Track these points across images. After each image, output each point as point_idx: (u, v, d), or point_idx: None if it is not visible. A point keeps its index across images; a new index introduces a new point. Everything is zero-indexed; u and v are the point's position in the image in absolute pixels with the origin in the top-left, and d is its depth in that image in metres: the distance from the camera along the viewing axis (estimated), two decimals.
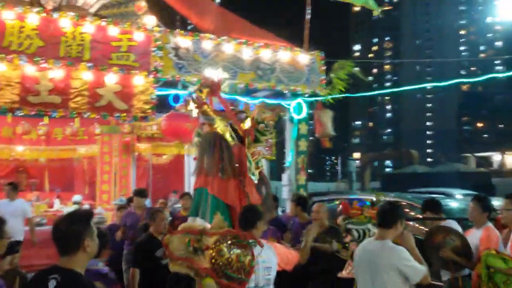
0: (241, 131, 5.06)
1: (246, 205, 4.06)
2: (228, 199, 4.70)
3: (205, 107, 5.10)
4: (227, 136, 5.03)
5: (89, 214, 2.80)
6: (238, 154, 5.00)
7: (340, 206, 5.02)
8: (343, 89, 9.27)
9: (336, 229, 5.73)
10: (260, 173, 5.22)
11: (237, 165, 4.91)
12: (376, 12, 9.38)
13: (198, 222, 4.40)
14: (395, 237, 3.87)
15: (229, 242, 2.98)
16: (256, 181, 5.04)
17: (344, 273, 4.83)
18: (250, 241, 3.08)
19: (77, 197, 11.34)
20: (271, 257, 3.58)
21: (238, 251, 2.97)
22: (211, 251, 2.92)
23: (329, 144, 9.48)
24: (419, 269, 3.66)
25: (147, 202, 9.09)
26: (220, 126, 5.09)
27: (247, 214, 3.80)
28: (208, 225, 3.29)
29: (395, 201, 5.21)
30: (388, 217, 3.90)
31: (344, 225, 4.83)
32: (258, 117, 5.23)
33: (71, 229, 2.64)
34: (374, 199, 5.09)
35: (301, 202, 6.94)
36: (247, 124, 5.12)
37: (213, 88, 5.23)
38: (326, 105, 9.38)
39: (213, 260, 2.90)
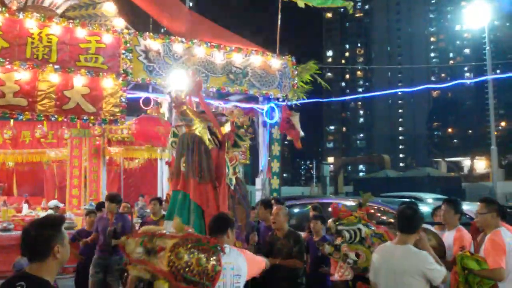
0: (220, 134, 4.97)
1: (218, 213, 3.99)
2: (208, 207, 4.63)
3: (184, 107, 5.00)
4: (206, 139, 4.95)
5: (60, 219, 2.70)
6: (215, 158, 4.94)
7: (330, 208, 5.03)
8: (304, 94, 9.32)
9: (296, 236, 5.71)
10: (236, 178, 5.16)
11: (214, 170, 4.85)
12: (350, 9, 9.43)
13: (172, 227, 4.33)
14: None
15: (189, 245, 2.91)
16: (232, 187, 4.99)
17: (336, 276, 4.82)
18: (213, 245, 3.02)
19: (53, 202, 11.04)
20: (240, 264, 3.45)
21: (201, 255, 2.90)
22: (169, 253, 2.84)
23: (301, 145, 9.53)
24: (441, 271, 3.79)
25: None
26: (198, 128, 4.98)
27: (218, 221, 3.74)
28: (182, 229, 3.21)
29: (413, 204, 5.22)
30: (412, 223, 3.94)
31: (334, 226, 4.83)
32: (237, 121, 5.17)
33: (40, 235, 2.55)
34: (348, 203, 5.13)
35: (269, 205, 6.91)
36: (227, 128, 5.04)
37: (194, 87, 5.15)
38: (293, 108, 9.43)
39: (171, 263, 2.82)
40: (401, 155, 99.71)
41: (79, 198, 12.38)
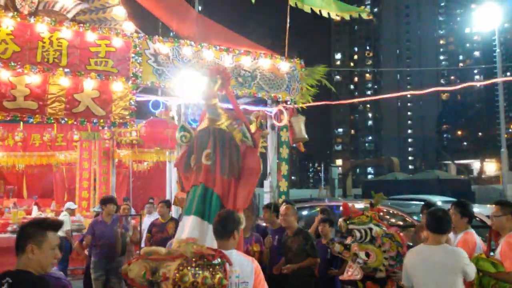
0: (250, 132, 4.96)
1: (223, 212, 3.79)
2: (228, 203, 4.62)
3: (215, 100, 4.98)
4: (236, 136, 4.93)
5: (45, 223, 2.72)
6: (249, 156, 4.91)
7: (341, 207, 5.04)
8: (311, 97, 9.29)
9: (304, 232, 5.73)
10: None
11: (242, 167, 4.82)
12: (367, 15, 9.40)
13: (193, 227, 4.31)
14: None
15: (193, 265, 2.85)
16: None
17: (345, 276, 4.82)
18: (217, 261, 2.95)
19: (68, 204, 11.09)
20: (247, 272, 3.33)
21: (206, 273, 2.84)
22: (173, 277, 2.79)
23: (304, 148, 9.50)
24: (474, 267, 3.96)
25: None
26: (225, 123, 4.97)
27: (223, 222, 3.52)
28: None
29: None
30: (445, 224, 4.04)
31: (345, 225, 4.83)
32: (263, 122, 5.14)
33: (23, 230, 2.64)
34: (357, 205, 5.13)
35: (275, 209, 6.93)
36: (253, 128, 5.04)
37: (225, 79, 5.13)
38: (300, 111, 9.40)
39: (176, 286, 2.79)
40: (410, 158, 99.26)
41: (89, 200, 12.49)
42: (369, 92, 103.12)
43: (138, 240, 7.99)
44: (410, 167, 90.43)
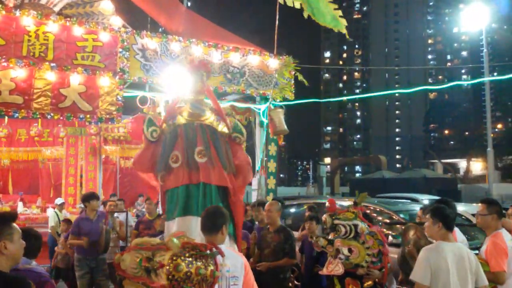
0: (228, 128, 4.91)
1: (211, 207, 3.73)
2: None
3: (203, 96, 4.90)
4: (222, 130, 4.87)
5: (9, 215, 2.69)
6: (239, 151, 4.88)
7: (327, 203, 5.04)
8: (291, 91, 9.27)
9: (287, 231, 5.72)
10: None
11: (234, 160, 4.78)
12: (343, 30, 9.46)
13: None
14: None
15: (187, 255, 2.82)
16: None
17: (325, 271, 4.82)
18: (211, 252, 2.93)
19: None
20: (237, 266, 3.33)
21: (198, 263, 2.82)
22: (167, 267, 2.78)
23: (283, 141, 9.48)
24: None
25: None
26: (210, 118, 4.90)
27: (212, 217, 3.47)
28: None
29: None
30: (453, 221, 4.00)
31: (331, 221, 4.84)
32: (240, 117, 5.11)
33: None
34: (345, 203, 5.15)
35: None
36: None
37: (208, 73, 5.08)
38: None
39: (170, 276, 2.75)
40: (397, 156, 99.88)
41: (75, 196, 12.36)
42: (357, 91, 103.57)
43: (125, 236, 7.93)
44: (398, 165, 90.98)
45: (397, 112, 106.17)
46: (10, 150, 13.45)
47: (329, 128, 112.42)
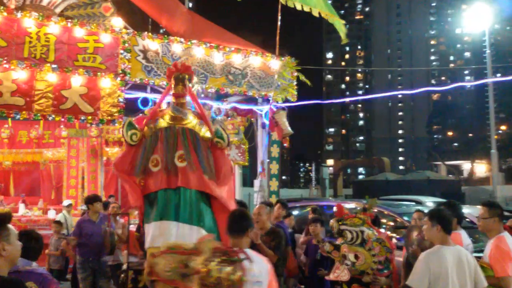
0: (211, 132, 4.87)
1: (236, 210, 3.74)
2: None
3: (184, 100, 4.84)
4: (203, 135, 4.82)
5: (3, 217, 2.65)
6: (221, 156, 4.84)
7: (334, 207, 5.00)
8: (292, 93, 9.22)
9: (277, 232, 5.68)
10: None
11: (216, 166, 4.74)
12: (344, 40, 9.45)
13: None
14: None
15: (218, 260, 2.83)
16: None
17: (332, 276, 4.78)
18: (240, 257, 2.93)
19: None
20: (262, 272, 3.29)
21: (228, 269, 2.82)
22: (200, 271, 2.77)
23: (288, 143, 9.43)
24: None
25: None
26: (192, 122, 4.84)
27: (238, 219, 3.47)
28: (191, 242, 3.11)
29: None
30: (452, 223, 4.00)
31: (337, 226, 4.80)
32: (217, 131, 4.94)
33: None
34: (348, 206, 5.11)
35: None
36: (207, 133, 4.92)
37: (191, 76, 5.01)
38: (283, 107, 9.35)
39: (202, 281, 2.76)
40: (400, 158, 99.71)
41: (76, 198, 12.32)
42: (360, 92, 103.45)
43: (127, 239, 7.89)
44: (401, 167, 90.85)
45: (400, 113, 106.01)
46: (12, 151, 13.44)
47: (331, 129, 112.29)
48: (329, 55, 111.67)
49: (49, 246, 8.92)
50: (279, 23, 9.39)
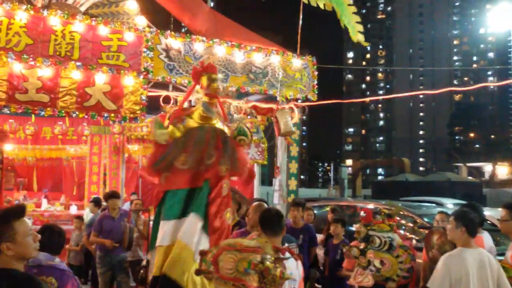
0: (230, 130, 4.91)
1: (273, 210, 3.73)
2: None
3: (215, 99, 4.89)
4: (229, 134, 4.88)
5: (6, 215, 2.58)
6: (242, 154, 4.90)
7: (362, 212, 5.00)
8: (314, 92, 9.18)
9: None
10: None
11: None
12: (362, 42, 9.36)
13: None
14: None
15: (272, 258, 2.87)
16: None
17: (352, 281, 4.80)
18: (287, 256, 2.97)
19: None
20: (298, 270, 3.41)
21: (280, 268, 2.86)
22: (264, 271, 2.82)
23: (291, 141, 9.40)
24: None
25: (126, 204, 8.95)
26: (218, 123, 4.90)
27: (278, 219, 3.49)
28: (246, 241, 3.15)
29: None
30: (477, 226, 3.96)
31: (365, 231, 4.80)
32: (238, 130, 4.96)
33: None
34: (368, 206, 5.11)
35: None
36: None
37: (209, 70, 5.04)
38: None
39: (261, 279, 2.79)
40: (421, 159, 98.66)
41: (98, 194, 12.49)
42: (381, 92, 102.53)
43: (146, 235, 8.00)
44: (421, 168, 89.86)
45: (421, 114, 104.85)
46: (35, 148, 13.71)
47: (351, 129, 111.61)
48: (350, 54, 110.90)
49: (70, 241, 9.07)
50: (300, 22, 9.38)
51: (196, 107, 4.99)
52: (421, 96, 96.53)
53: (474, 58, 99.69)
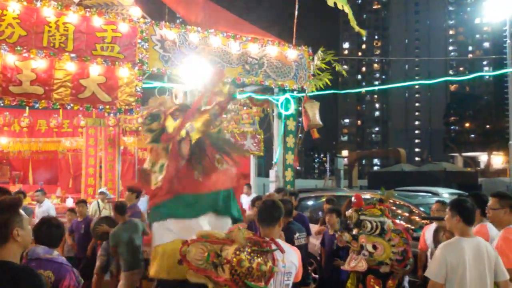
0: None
1: (268, 201, 3.71)
2: None
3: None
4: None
5: (16, 202, 2.66)
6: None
7: (353, 198, 4.99)
8: (328, 81, 9.18)
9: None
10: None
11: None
12: (360, 30, 9.36)
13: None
14: None
15: (249, 250, 2.86)
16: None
17: (346, 266, 4.80)
18: (271, 248, 2.95)
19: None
20: (292, 262, 3.32)
21: (259, 259, 2.85)
22: (231, 261, 2.82)
23: (318, 135, 9.39)
24: None
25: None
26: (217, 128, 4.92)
27: (272, 209, 3.44)
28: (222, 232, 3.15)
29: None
30: (474, 214, 3.91)
31: (356, 216, 4.80)
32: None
33: None
34: (363, 196, 5.10)
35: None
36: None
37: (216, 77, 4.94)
38: (312, 96, 9.30)
39: (233, 271, 2.80)
40: (417, 149, 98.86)
41: (94, 187, 12.48)
42: (376, 82, 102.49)
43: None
44: (417, 158, 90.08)
45: (416, 104, 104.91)
46: (31, 140, 13.65)
47: (347, 120, 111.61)
48: (346, 45, 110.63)
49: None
50: (296, 12, 9.34)
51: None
52: (416, 86, 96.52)
53: (470, 48, 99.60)
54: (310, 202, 9.69)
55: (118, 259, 6.47)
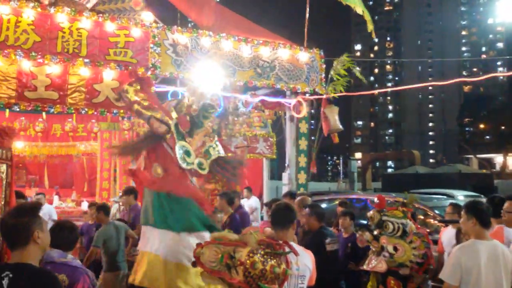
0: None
1: (282, 203, 3.73)
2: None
3: (135, 106, 4.97)
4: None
5: (36, 206, 2.75)
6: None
7: (376, 199, 5.00)
8: (343, 87, 9.16)
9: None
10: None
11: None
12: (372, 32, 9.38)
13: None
14: None
15: (262, 252, 2.86)
16: (204, 172, 4.89)
17: (367, 267, 4.79)
18: (284, 251, 2.96)
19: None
20: (307, 265, 3.33)
21: (273, 262, 2.85)
22: (245, 263, 2.83)
23: (338, 139, 9.36)
24: None
25: None
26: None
27: (285, 212, 3.48)
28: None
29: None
30: (490, 217, 3.91)
31: (379, 216, 4.79)
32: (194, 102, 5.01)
33: (19, 222, 2.60)
34: (376, 199, 5.08)
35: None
36: (174, 114, 4.94)
37: (142, 84, 5.11)
38: (331, 101, 9.29)
39: (246, 273, 2.80)
40: (431, 151, 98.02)
41: (109, 191, 12.58)
42: (389, 84, 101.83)
43: None
44: (431, 160, 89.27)
45: (430, 105, 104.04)
46: (46, 145, 13.82)
47: (360, 122, 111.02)
48: (358, 46, 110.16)
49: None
50: (307, 14, 9.34)
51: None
52: (430, 87, 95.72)
53: (483, 49, 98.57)
54: (323, 205, 9.66)
55: (101, 260, 6.57)
